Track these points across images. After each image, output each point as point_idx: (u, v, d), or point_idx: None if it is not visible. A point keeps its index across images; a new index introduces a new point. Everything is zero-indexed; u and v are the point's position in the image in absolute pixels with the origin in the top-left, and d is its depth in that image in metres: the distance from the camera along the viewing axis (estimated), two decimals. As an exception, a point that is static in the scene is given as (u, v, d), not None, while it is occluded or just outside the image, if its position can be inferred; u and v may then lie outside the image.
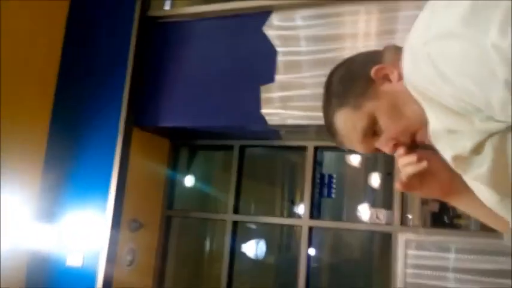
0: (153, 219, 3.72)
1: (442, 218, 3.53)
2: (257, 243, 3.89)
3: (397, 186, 0.95)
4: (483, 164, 0.73)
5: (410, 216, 3.10)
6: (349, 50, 2.97)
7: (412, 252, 2.96)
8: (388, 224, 3.12)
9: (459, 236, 2.94)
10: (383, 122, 0.90)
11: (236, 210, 3.61)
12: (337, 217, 3.54)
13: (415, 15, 0.80)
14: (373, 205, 3.23)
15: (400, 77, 0.86)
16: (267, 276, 4.04)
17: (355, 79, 0.93)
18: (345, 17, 3.03)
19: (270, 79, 3.07)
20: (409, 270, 2.93)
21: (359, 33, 2.98)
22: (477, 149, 0.72)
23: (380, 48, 0.99)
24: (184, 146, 3.96)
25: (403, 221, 3.09)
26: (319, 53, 3.07)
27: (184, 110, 3.35)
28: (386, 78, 0.90)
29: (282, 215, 3.93)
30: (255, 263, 3.83)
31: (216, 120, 3.26)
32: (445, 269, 2.86)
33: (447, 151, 0.79)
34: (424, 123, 0.81)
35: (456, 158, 0.76)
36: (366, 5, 2.98)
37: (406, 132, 0.90)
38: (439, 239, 2.91)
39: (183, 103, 3.35)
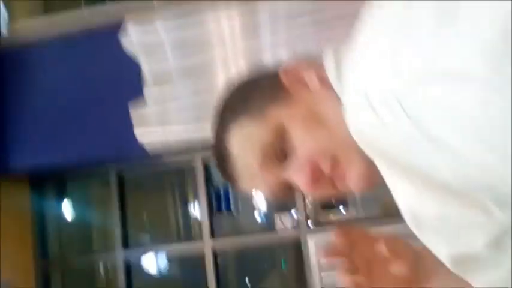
0: (26, 276, 3.11)
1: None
2: (156, 255, 3.46)
3: None
4: (501, 263, 0.49)
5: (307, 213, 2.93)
6: (219, 58, 2.66)
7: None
8: (295, 228, 2.93)
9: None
10: (295, 134, 0.62)
11: (126, 245, 3.15)
12: (239, 229, 3.27)
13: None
14: (276, 210, 3.01)
15: (323, 82, 0.62)
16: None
17: (258, 86, 0.67)
18: (208, 17, 2.71)
19: (139, 94, 2.67)
20: (325, 273, 2.78)
21: (225, 34, 2.69)
22: (492, 244, 0.48)
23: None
24: (49, 182, 3.36)
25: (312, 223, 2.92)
26: (188, 57, 2.73)
27: (40, 143, 2.82)
28: (302, 82, 0.64)
29: (179, 237, 3.54)
30: (159, 277, 3.42)
31: (80, 149, 2.78)
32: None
33: (440, 245, 0.53)
34: (350, 149, 0.56)
35: (458, 257, 0.51)
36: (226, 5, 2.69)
37: (327, 153, 0.61)
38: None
39: (37, 135, 2.82)
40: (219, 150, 0.68)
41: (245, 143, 0.64)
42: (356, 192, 0.65)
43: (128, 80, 2.72)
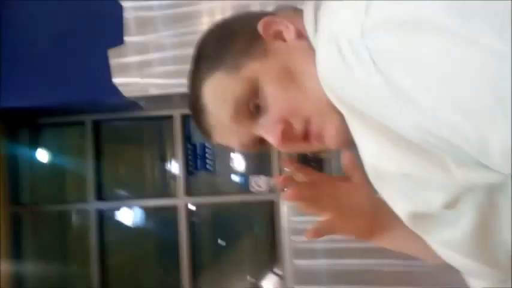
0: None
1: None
2: (131, 209, 3.46)
3: (307, 235, 0.66)
4: (457, 224, 0.49)
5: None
6: (207, 4, 2.59)
7: (295, 218, 2.82)
8: (271, 191, 2.93)
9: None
10: (269, 90, 0.61)
11: (99, 197, 3.13)
12: (213, 188, 3.26)
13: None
14: (251, 173, 3.00)
15: (299, 35, 0.62)
16: (147, 244, 3.69)
17: (234, 36, 0.65)
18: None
19: (119, 41, 2.58)
20: (295, 238, 2.80)
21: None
22: (450, 204, 0.48)
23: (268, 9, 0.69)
24: (24, 126, 3.29)
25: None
26: (175, 6, 2.64)
27: (15, 86, 2.73)
28: (279, 36, 0.64)
29: (156, 192, 3.53)
30: (132, 230, 3.43)
31: (57, 95, 2.71)
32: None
33: (399, 202, 0.53)
34: (324, 107, 0.56)
35: (415, 215, 0.51)
36: None
37: (300, 112, 0.61)
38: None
39: (12, 78, 2.73)
40: (194, 103, 0.67)
41: (218, 96, 0.63)
42: (332, 149, 0.64)
43: (109, 26, 2.63)
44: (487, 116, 0.38)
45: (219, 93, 0.63)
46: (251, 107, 0.62)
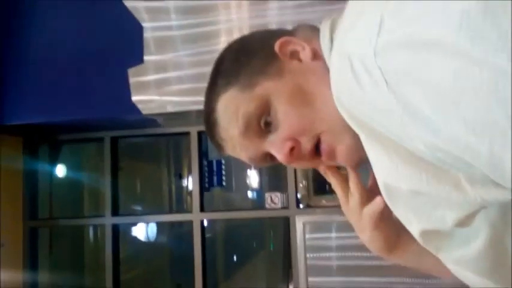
0: (14, 235, 3.12)
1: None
2: (147, 225, 3.48)
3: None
4: (470, 242, 0.49)
5: (299, 195, 2.94)
6: (224, 23, 2.65)
7: (310, 235, 2.82)
8: (284, 207, 2.94)
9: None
10: (280, 108, 0.62)
11: (115, 212, 3.17)
12: (228, 204, 3.28)
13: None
14: (266, 189, 3.02)
15: (315, 55, 0.63)
16: (162, 259, 3.69)
17: (251, 54, 0.67)
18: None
19: (138, 60, 2.64)
20: (310, 254, 2.80)
21: (231, 3, 2.66)
22: (463, 222, 0.48)
23: (287, 27, 0.71)
24: (43, 143, 3.36)
25: (298, 203, 2.93)
26: (193, 26, 2.70)
27: (36, 102, 2.80)
28: (296, 56, 0.65)
29: (171, 208, 3.56)
30: (146, 245, 3.44)
31: (76, 112, 2.76)
32: (346, 248, 2.76)
33: (412, 220, 0.52)
34: (337, 127, 0.58)
35: (428, 232, 0.51)
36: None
37: (310, 132, 0.62)
38: (335, 219, 2.79)
39: (33, 95, 2.79)
40: (208, 116, 0.69)
41: (231, 111, 0.65)
42: (347, 167, 0.65)
43: (128, 45, 2.69)
44: (499, 135, 0.39)
45: (231, 109, 0.65)
46: (262, 124, 0.64)
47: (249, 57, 0.66)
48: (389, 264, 0.71)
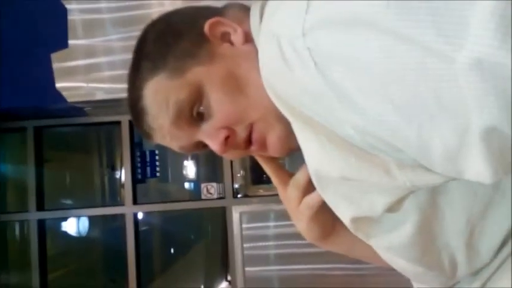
0: None
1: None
2: (78, 218, 3.32)
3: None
4: (400, 228, 0.49)
5: (236, 186, 2.92)
6: (157, 6, 2.55)
7: (247, 225, 2.81)
8: (220, 198, 2.90)
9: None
10: (214, 97, 0.59)
11: (41, 206, 2.98)
12: (164, 196, 3.19)
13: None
14: (202, 180, 2.96)
15: (247, 39, 0.60)
16: (94, 254, 3.55)
17: (179, 36, 0.62)
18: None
19: (63, 44, 2.48)
20: (247, 244, 2.79)
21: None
22: (392, 207, 0.48)
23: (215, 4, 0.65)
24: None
25: (235, 193, 2.90)
26: (124, 9, 2.58)
27: None
28: (227, 38, 0.61)
29: (103, 201, 3.41)
30: (76, 240, 3.29)
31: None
32: (282, 236, 2.78)
33: (341, 206, 0.51)
34: (269, 115, 0.56)
35: (358, 219, 0.50)
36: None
37: (244, 120, 0.59)
38: (272, 208, 2.80)
39: None
40: (134, 104, 0.64)
41: (160, 99, 0.60)
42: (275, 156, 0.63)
43: (52, 28, 2.53)
44: (428, 118, 0.38)
45: (161, 97, 0.60)
46: (194, 112, 0.60)
47: (176, 39, 0.62)
48: (325, 251, 0.70)
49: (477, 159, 0.37)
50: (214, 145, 0.60)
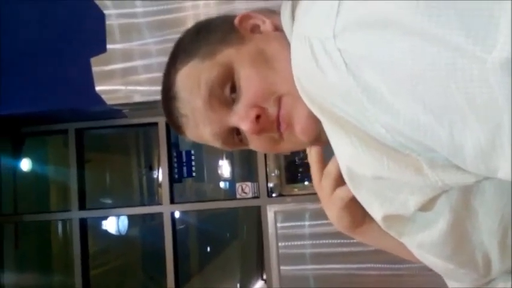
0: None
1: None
2: (118, 218, 3.42)
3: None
4: (432, 226, 0.49)
5: (271, 185, 2.93)
6: (191, 9, 2.60)
7: (282, 224, 2.81)
8: (255, 197, 2.92)
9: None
10: (243, 73, 0.60)
11: (82, 206, 3.09)
12: (200, 195, 3.24)
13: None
14: (237, 180, 2.99)
15: (276, 28, 0.62)
16: (133, 252, 3.63)
17: (212, 30, 0.65)
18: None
19: (102, 49, 2.56)
20: (282, 243, 2.80)
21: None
22: (424, 206, 0.47)
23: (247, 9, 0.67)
24: (5, 136, 3.24)
25: (270, 193, 2.91)
26: (159, 13, 2.64)
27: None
28: (256, 30, 0.64)
29: (142, 201, 3.50)
30: (116, 239, 3.38)
31: (39, 103, 2.67)
32: (317, 236, 2.77)
33: (374, 205, 0.51)
34: (297, 90, 0.53)
35: (390, 217, 0.51)
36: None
37: (272, 94, 0.59)
38: (307, 207, 2.79)
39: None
40: (166, 92, 0.65)
41: (192, 81, 0.62)
42: (305, 142, 0.62)
43: (91, 33, 2.61)
44: (459, 118, 0.38)
45: (192, 79, 0.62)
46: (226, 91, 0.61)
47: (209, 32, 0.64)
48: (361, 250, 0.70)
49: (509, 158, 0.37)
50: (246, 124, 0.60)
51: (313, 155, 0.65)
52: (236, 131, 0.63)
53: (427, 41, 0.37)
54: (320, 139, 0.59)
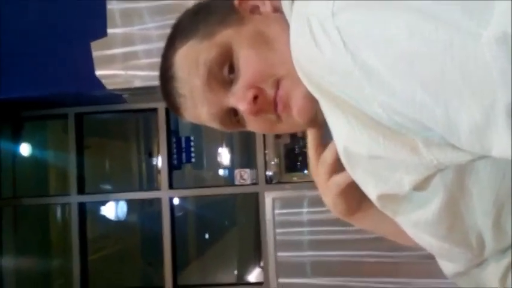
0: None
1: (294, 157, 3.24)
2: (116, 203, 3.43)
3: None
4: (426, 205, 0.49)
5: (270, 173, 2.94)
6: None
7: (280, 211, 2.83)
8: (253, 183, 2.93)
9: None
10: (241, 53, 0.60)
11: (81, 190, 3.10)
12: (199, 181, 3.25)
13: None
14: (236, 166, 3.00)
15: (276, 10, 0.62)
16: (132, 237, 3.65)
17: (211, 11, 0.65)
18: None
19: (102, 33, 2.55)
20: (279, 230, 2.81)
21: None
22: (419, 185, 0.48)
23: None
24: (5, 120, 3.24)
25: (268, 179, 2.92)
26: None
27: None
28: (256, 11, 0.64)
29: (141, 186, 3.51)
30: (114, 224, 3.40)
31: (39, 88, 2.66)
32: (316, 222, 2.78)
33: (369, 184, 0.52)
34: (296, 72, 0.52)
35: (385, 196, 0.51)
36: None
37: (271, 75, 0.59)
38: (305, 194, 2.80)
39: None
40: (165, 72, 0.65)
41: (190, 61, 0.62)
42: (301, 123, 0.62)
43: (92, 18, 2.60)
44: (455, 95, 0.38)
45: (191, 59, 0.61)
46: (224, 72, 0.61)
47: (207, 13, 0.64)
48: (358, 237, 0.70)
49: (503, 135, 0.37)
50: (243, 105, 0.60)
51: (310, 141, 0.65)
52: (234, 112, 0.63)
53: (423, 18, 0.37)
54: (316, 120, 0.60)
